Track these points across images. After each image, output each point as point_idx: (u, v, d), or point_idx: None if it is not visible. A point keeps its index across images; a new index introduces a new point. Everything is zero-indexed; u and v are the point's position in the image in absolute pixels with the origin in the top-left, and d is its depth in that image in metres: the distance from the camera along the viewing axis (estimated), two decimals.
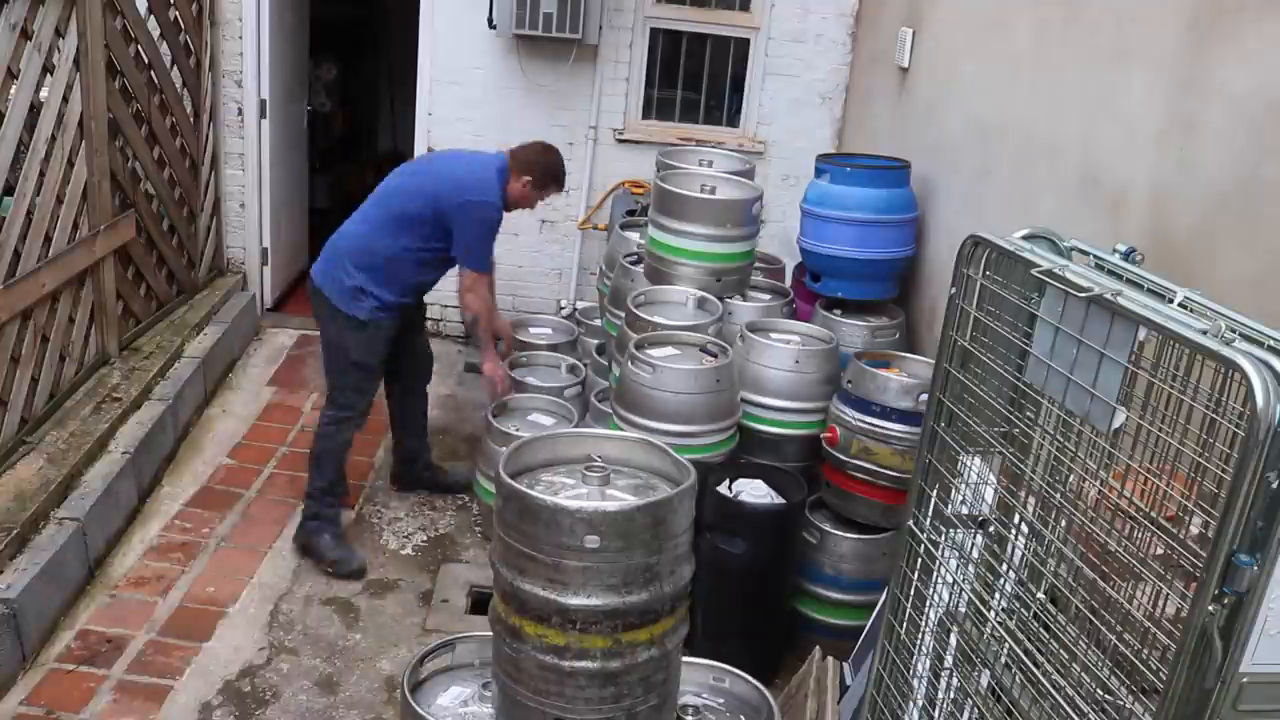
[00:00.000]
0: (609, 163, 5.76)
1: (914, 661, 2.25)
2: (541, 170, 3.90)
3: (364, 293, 3.75)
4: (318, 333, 5.89)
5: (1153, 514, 1.60)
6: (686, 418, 3.42)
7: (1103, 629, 1.67)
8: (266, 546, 3.94)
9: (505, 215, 3.89)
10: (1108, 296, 1.64)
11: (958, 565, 2.12)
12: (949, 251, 3.55)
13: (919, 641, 2.23)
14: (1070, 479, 1.86)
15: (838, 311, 4.21)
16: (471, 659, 2.56)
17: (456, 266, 3.89)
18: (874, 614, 3.13)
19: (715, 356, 3.59)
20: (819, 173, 4.28)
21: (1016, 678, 1.89)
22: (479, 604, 3.72)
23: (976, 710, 2.05)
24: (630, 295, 3.96)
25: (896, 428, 3.35)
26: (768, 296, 4.32)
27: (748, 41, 5.68)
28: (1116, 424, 1.66)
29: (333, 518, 3.92)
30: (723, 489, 3.37)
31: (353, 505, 4.24)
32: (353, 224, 3.87)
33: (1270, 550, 1.36)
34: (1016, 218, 3.06)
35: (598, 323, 5.07)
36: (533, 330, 4.99)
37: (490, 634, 2.27)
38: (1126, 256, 1.88)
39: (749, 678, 2.59)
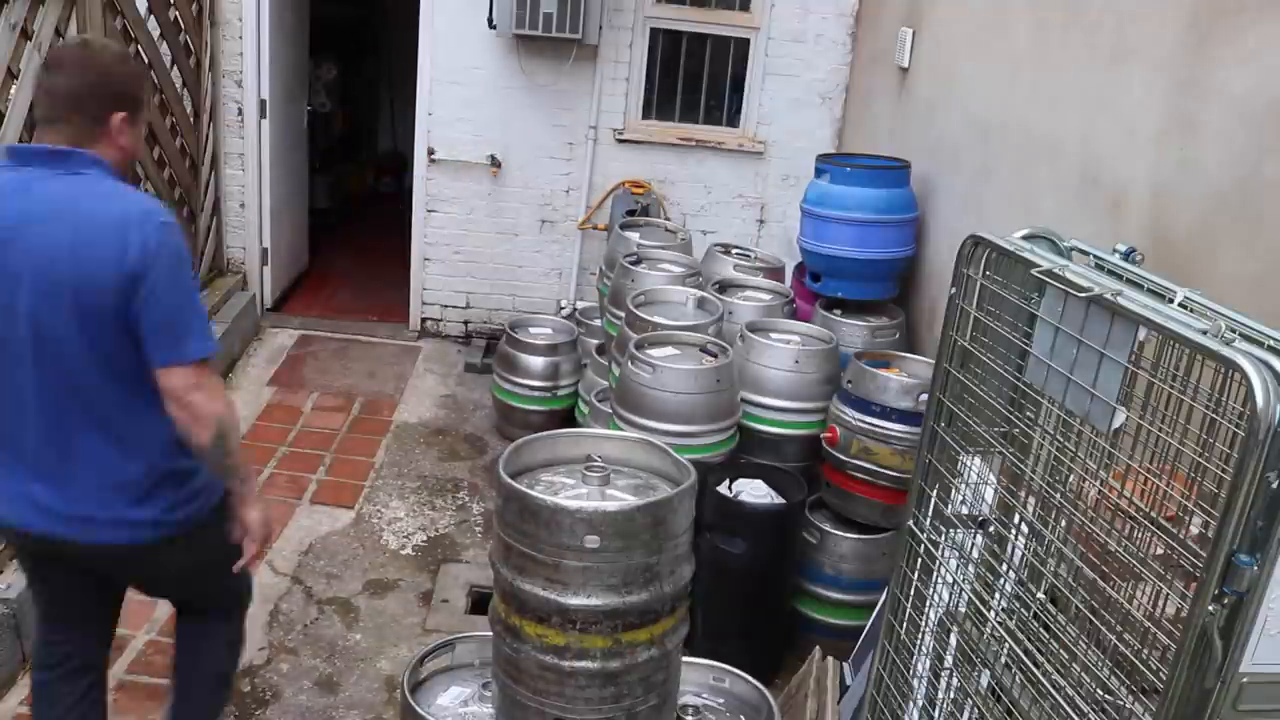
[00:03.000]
0: (609, 163, 5.76)
1: (914, 661, 2.25)
2: None
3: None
4: (318, 333, 5.93)
5: (1153, 514, 1.60)
6: (686, 418, 3.42)
7: (1103, 629, 1.67)
8: (266, 546, 3.93)
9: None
10: (1108, 296, 1.64)
11: (958, 565, 2.12)
12: (949, 251, 3.55)
13: (919, 641, 2.23)
14: (1070, 479, 1.86)
15: (838, 311, 4.21)
16: (471, 659, 2.56)
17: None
18: (874, 614, 3.13)
19: (715, 356, 3.59)
20: (819, 173, 4.28)
21: (1016, 678, 1.89)
22: (479, 604, 3.72)
23: (976, 710, 2.05)
24: (630, 295, 3.96)
25: (896, 428, 3.35)
26: (768, 296, 4.33)
27: (748, 41, 5.68)
28: (1116, 424, 1.66)
29: None
30: (723, 489, 3.37)
31: (352, 505, 4.25)
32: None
33: (1270, 550, 1.36)
34: (1016, 218, 3.06)
35: (598, 323, 5.08)
36: (533, 330, 5.00)
37: (490, 634, 2.28)
38: (1126, 256, 1.88)
39: (749, 678, 2.59)
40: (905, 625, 2.28)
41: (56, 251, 2.00)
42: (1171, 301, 1.65)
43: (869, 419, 3.40)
